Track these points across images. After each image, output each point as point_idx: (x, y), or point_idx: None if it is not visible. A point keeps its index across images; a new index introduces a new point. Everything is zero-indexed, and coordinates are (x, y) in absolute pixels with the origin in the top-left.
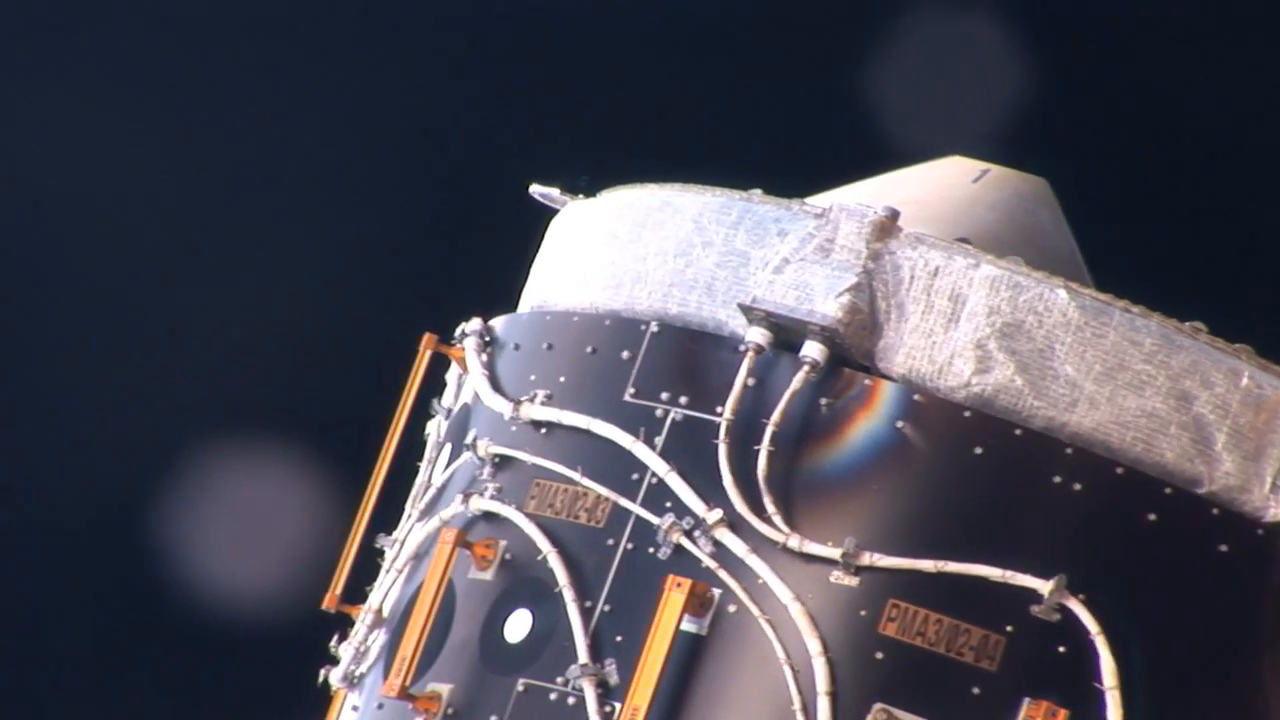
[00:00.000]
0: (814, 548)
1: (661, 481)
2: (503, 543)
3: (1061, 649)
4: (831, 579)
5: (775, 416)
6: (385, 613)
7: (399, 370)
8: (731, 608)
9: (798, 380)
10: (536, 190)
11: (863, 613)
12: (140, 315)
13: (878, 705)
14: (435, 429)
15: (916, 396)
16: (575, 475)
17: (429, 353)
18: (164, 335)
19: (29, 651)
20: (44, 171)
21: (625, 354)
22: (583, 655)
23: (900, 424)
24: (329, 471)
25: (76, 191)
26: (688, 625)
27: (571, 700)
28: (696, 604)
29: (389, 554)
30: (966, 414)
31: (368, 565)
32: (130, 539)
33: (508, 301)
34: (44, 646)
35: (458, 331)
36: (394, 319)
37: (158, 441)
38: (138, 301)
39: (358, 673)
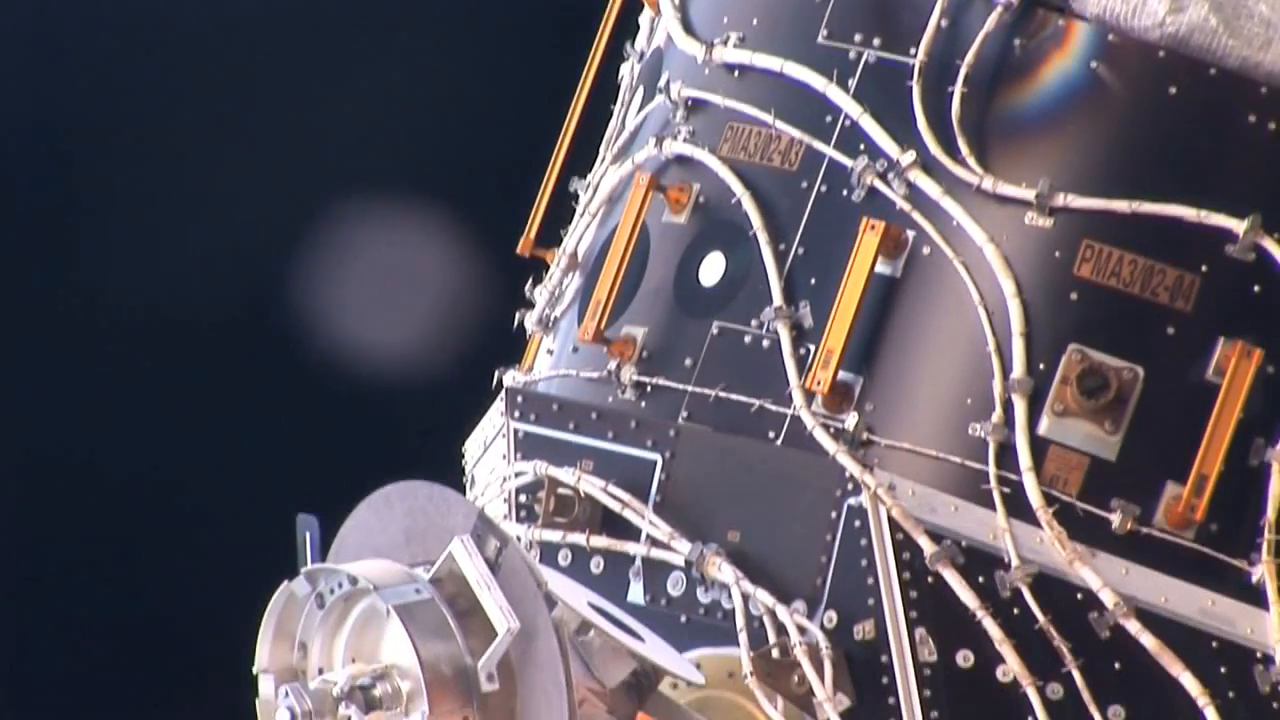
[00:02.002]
0: (1008, 189)
1: (855, 124)
2: (696, 186)
3: (1257, 289)
4: (1026, 220)
5: (969, 58)
6: (580, 257)
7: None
8: (925, 250)
9: (992, 21)
10: None
11: (1057, 254)
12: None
13: (1073, 346)
14: (628, 72)
15: (1111, 37)
16: (768, 118)
17: None
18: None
19: (177, 413)
20: None
21: None
22: (777, 298)
23: (1094, 64)
24: (478, 220)
25: None
26: (882, 268)
27: (766, 343)
28: (890, 246)
29: (583, 198)
30: (1161, 54)
31: (562, 209)
32: (277, 302)
33: None
34: (191, 406)
35: None
36: None
37: (306, 189)
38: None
39: (552, 316)
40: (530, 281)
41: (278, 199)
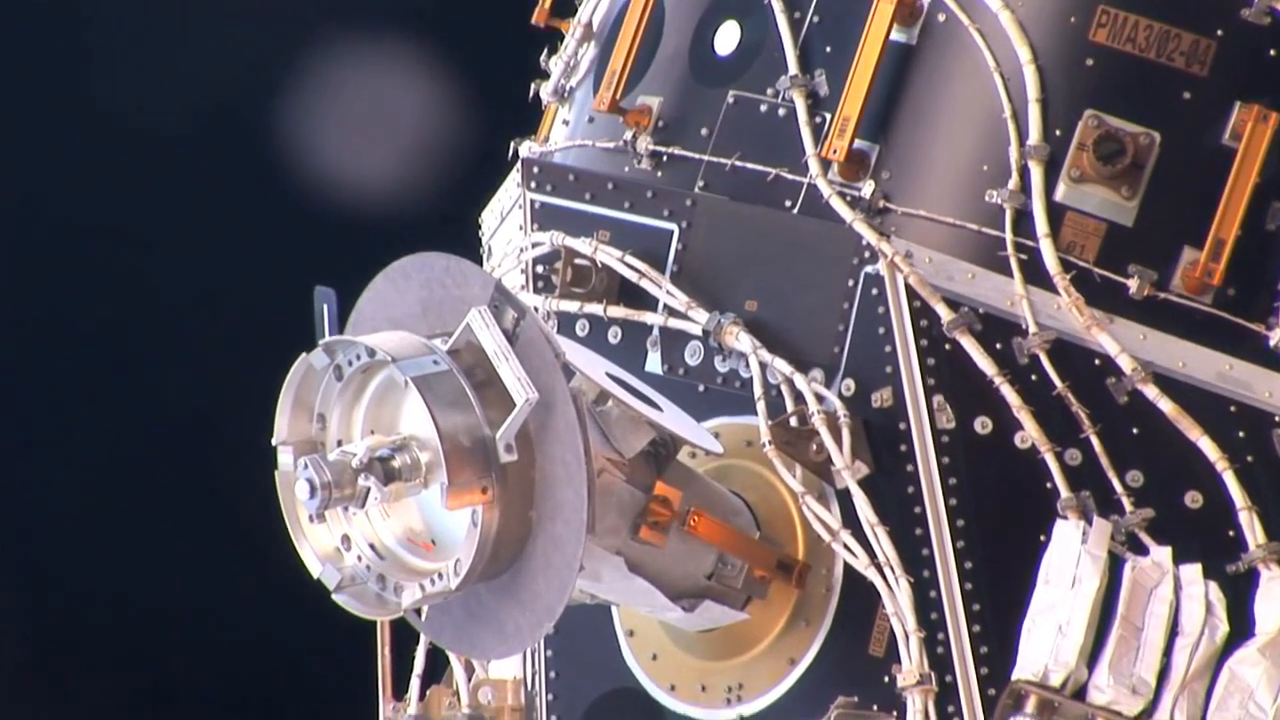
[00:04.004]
0: None
1: None
2: None
3: (1272, 52)
4: None
5: None
6: (594, 26)
7: None
8: (940, 17)
9: None
10: None
11: (1073, 19)
12: None
13: (1089, 112)
14: None
15: None
16: None
17: None
18: None
19: (155, 233)
20: None
21: None
22: (792, 66)
23: None
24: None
25: None
26: (897, 35)
27: (781, 111)
28: (906, 14)
29: None
30: None
31: None
32: (256, 135)
33: None
34: (174, 228)
35: None
36: None
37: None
38: None
39: (568, 87)
40: (545, 52)
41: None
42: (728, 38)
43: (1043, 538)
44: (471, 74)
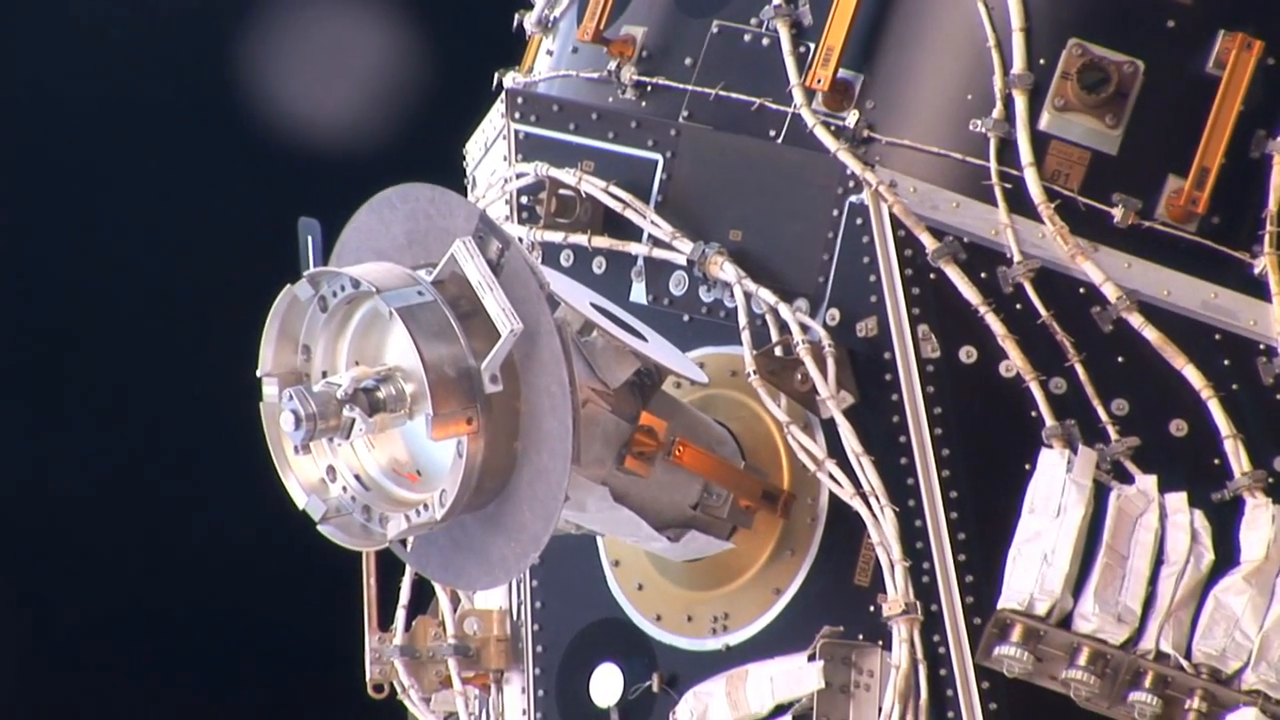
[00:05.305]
0: None
1: None
2: None
3: None
4: None
5: None
6: None
7: None
8: None
9: None
10: None
11: None
12: None
13: (1073, 40)
14: None
15: None
16: None
17: None
18: None
19: (139, 164)
20: None
21: None
22: None
23: None
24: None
25: None
26: None
27: (765, 41)
28: None
29: None
30: None
31: None
32: (243, 66)
33: None
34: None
35: None
36: None
37: None
38: None
39: (552, 17)
40: None
41: None
42: None
43: (1028, 466)
44: (455, 4)
